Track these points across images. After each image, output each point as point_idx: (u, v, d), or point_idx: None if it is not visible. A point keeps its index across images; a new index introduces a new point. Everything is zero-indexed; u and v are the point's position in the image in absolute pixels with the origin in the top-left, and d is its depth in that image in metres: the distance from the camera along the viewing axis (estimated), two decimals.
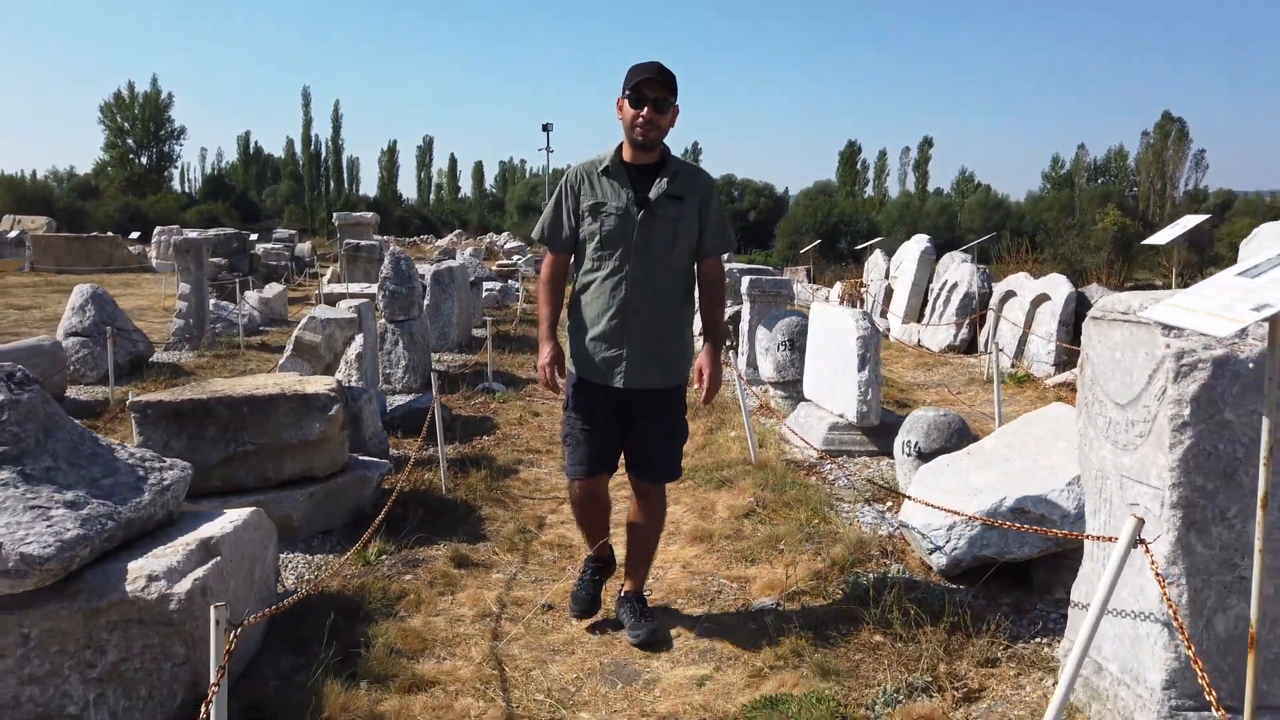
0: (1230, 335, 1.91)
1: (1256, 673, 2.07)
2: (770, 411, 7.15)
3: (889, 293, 14.22)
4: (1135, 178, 64.45)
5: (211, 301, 12.48)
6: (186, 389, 4.65)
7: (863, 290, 15.54)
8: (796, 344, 7.23)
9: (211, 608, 1.96)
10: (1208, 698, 1.93)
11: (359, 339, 6.57)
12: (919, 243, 13.65)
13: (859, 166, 72.49)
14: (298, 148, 75.11)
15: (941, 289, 12.35)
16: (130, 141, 66.56)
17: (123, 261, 26.57)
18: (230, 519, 3.24)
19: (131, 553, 2.88)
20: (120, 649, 2.68)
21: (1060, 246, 36.39)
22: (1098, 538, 2.58)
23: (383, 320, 8.16)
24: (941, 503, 3.62)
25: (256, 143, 79.61)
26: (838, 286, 16.90)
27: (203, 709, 1.91)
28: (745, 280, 8.82)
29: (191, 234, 20.25)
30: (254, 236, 26.34)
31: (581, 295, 3.39)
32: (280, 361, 6.56)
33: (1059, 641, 3.14)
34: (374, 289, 11.82)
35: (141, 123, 66.38)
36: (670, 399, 3.42)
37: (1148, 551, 2.22)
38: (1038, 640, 3.27)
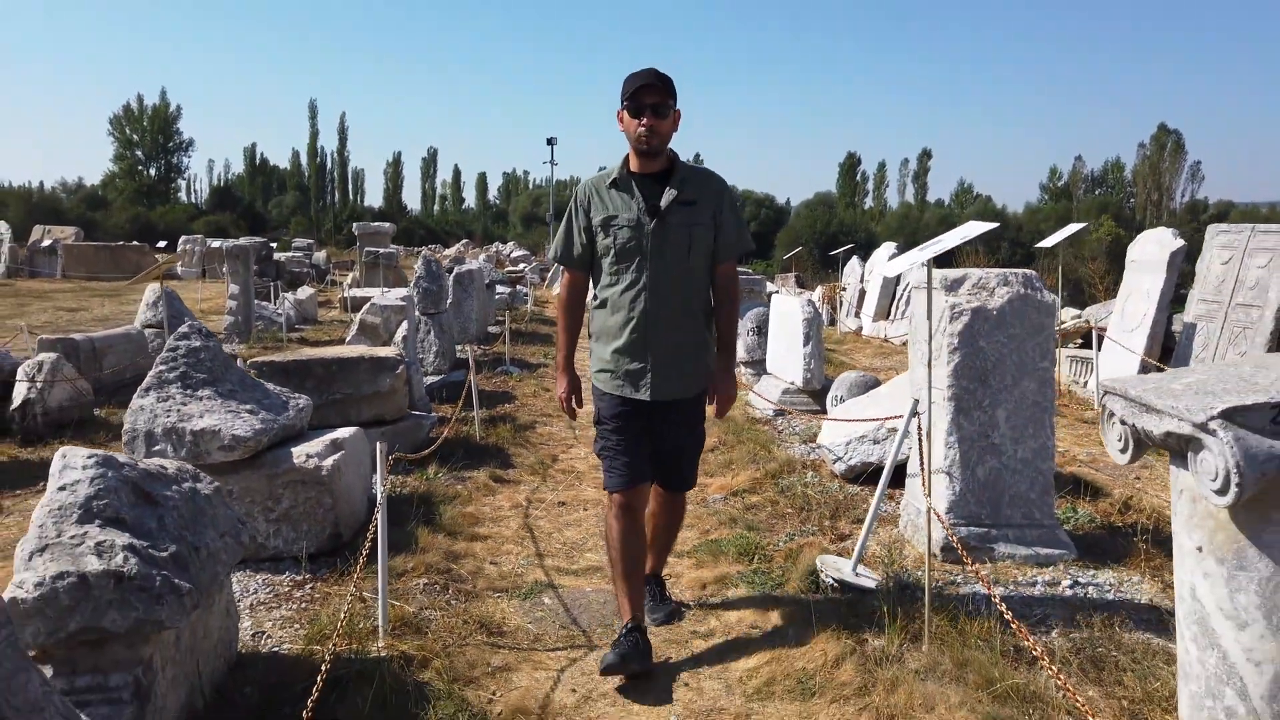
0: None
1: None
2: (741, 386, 8.63)
3: (862, 294, 15.74)
4: (1132, 189, 65.74)
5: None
6: (287, 353, 6.14)
7: (840, 293, 17.03)
8: (763, 330, 8.72)
9: (376, 442, 3.43)
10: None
11: (404, 324, 8.08)
12: (888, 249, 15.17)
13: (859, 178, 73.92)
14: (303, 159, 76.52)
15: (905, 289, 13.86)
16: (139, 153, 67.80)
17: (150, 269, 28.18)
18: (346, 431, 4.72)
19: (288, 446, 4.36)
20: (290, 500, 4.16)
21: (1055, 255, 37.93)
22: (893, 416, 4.07)
23: (416, 312, 9.67)
24: (845, 428, 5.12)
25: (263, 154, 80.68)
26: (819, 290, 18.40)
27: (375, 509, 3.38)
28: None
29: (215, 242, 21.83)
30: (274, 245, 27.97)
31: (601, 309, 3.33)
32: (348, 338, 8.07)
33: None
34: (393, 292, 13.34)
35: (150, 135, 67.67)
36: (694, 408, 3.38)
37: (920, 423, 3.70)
38: (899, 513, 4.75)
